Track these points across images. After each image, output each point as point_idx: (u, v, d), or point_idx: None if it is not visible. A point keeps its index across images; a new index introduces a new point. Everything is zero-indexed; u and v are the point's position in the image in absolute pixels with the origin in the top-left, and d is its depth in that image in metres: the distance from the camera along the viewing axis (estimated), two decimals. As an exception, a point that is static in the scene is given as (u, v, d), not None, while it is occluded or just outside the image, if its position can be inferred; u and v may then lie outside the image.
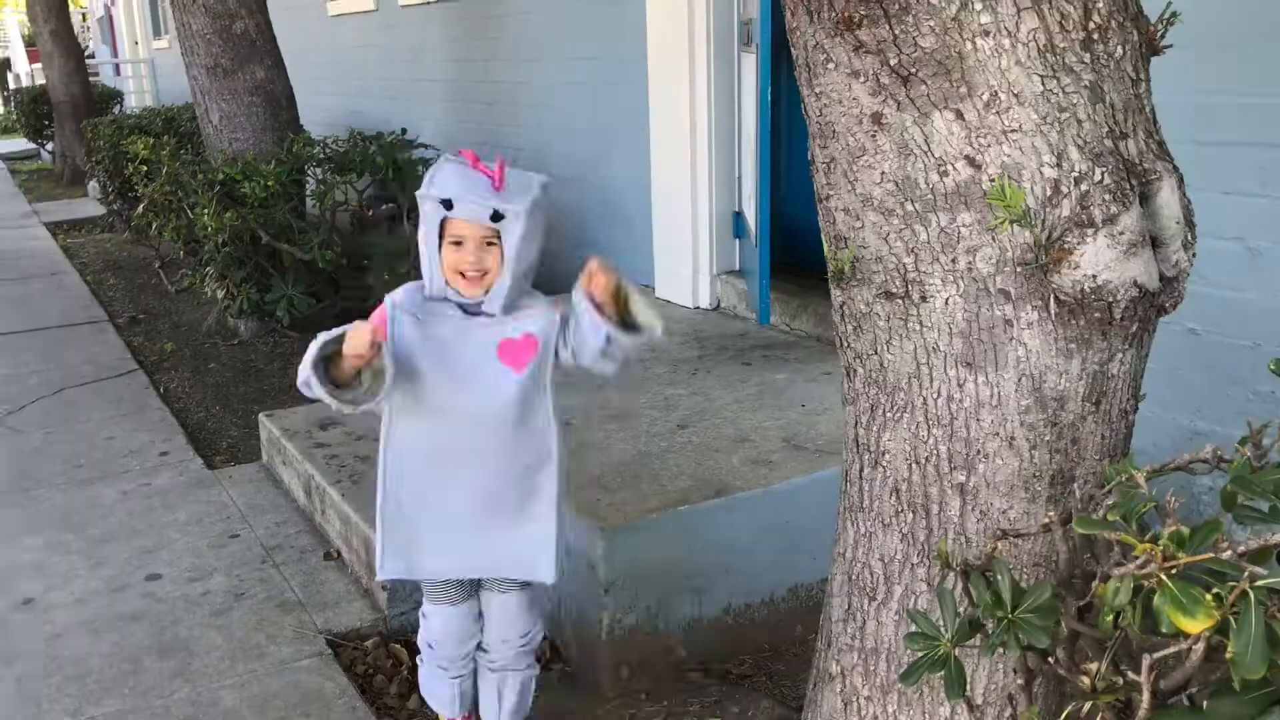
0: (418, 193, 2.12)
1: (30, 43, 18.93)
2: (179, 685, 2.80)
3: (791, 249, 4.95)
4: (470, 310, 2.17)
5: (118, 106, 14.23)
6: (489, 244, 2.11)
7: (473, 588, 2.38)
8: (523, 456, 2.21)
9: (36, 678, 2.84)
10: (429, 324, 2.16)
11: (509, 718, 2.44)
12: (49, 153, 15.25)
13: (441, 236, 2.12)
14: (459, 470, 2.22)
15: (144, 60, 16.74)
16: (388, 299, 2.19)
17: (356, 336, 2.03)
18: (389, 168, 5.67)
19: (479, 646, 2.42)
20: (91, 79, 14.23)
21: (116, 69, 18.31)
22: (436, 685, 2.48)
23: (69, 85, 12.69)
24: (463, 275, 2.12)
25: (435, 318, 2.16)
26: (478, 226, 2.09)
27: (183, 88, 7.63)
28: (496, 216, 2.07)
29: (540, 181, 2.16)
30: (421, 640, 2.48)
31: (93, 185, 11.03)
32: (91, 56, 18.91)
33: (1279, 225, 2.91)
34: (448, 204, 2.08)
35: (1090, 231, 1.53)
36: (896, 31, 1.52)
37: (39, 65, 14.58)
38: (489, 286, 2.14)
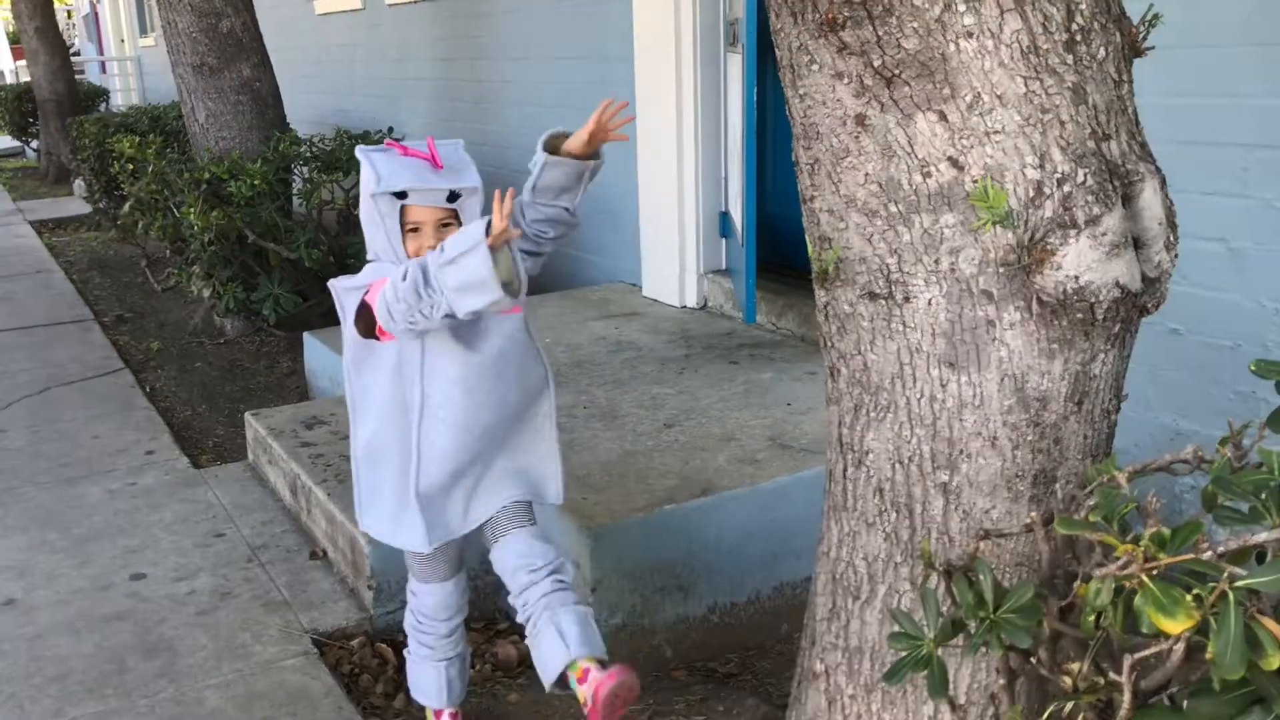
0: (370, 193, 2.12)
1: (15, 40, 18.82)
2: (163, 685, 2.79)
3: (777, 249, 4.95)
4: None
5: (103, 104, 14.17)
6: (444, 225, 2.15)
7: (458, 564, 2.45)
8: (529, 390, 2.30)
9: (18, 679, 2.83)
10: None
11: (581, 645, 2.12)
12: (34, 150, 15.17)
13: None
14: (490, 429, 2.27)
15: (130, 58, 16.68)
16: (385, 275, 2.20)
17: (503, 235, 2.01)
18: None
19: (519, 603, 2.24)
20: (77, 77, 14.16)
21: (102, 67, 18.22)
22: (423, 674, 2.51)
23: (54, 83, 12.63)
24: None
25: None
26: (432, 210, 2.13)
27: (169, 86, 7.61)
28: (453, 196, 2.11)
29: (462, 146, 2.20)
30: (408, 623, 2.51)
31: (78, 183, 10.98)
32: (77, 54, 18.83)
33: (1260, 226, 2.93)
34: (401, 195, 2.11)
35: (1073, 232, 1.54)
36: (880, 33, 1.52)
37: (24, 62, 14.50)
38: None
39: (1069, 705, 1.31)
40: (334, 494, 3.36)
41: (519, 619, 2.26)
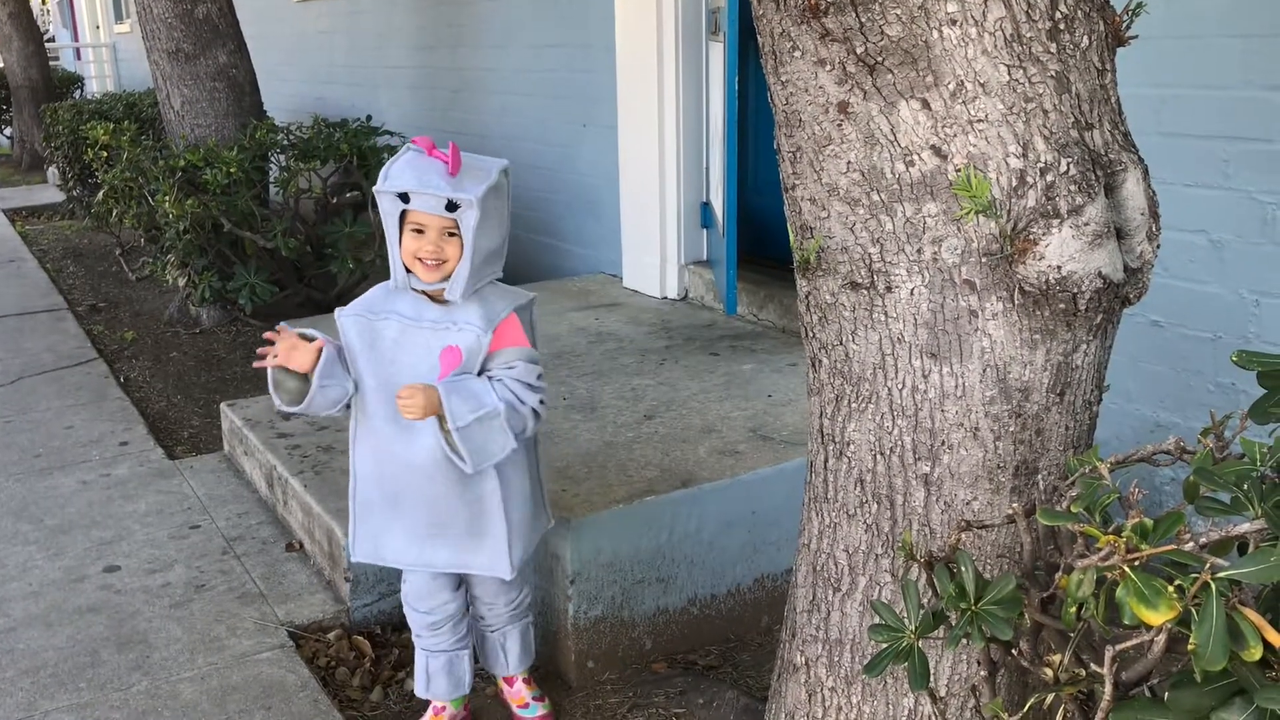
0: (375, 188, 2.15)
1: (-12, 26, 18.57)
2: (137, 678, 2.76)
3: (759, 240, 4.94)
4: (431, 296, 2.22)
5: (78, 91, 14.03)
6: (450, 234, 2.15)
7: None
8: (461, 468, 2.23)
9: (-9, 671, 2.79)
10: (377, 326, 2.22)
11: (518, 666, 2.58)
12: (7, 138, 15.00)
13: (403, 226, 2.17)
14: (402, 479, 2.29)
15: (105, 45, 16.50)
16: (337, 313, 2.29)
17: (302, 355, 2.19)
18: (353, 155, 5.61)
19: (473, 614, 2.52)
20: (51, 63, 14.01)
21: (77, 53, 18.03)
22: (416, 657, 2.53)
23: (28, 69, 12.50)
24: (421, 262, 2.16)
25: (385, 320, 2.22)
26: (436, 217, 2.12)
27: (144, 73, 7.53)
28: (452, 206, 2.09)
29: (499, 167, 2.18)
30: (406, 608, 2.52)
31: (52, 171, 10.87)
32: (51, 40, 18.64)
33: (1241, 218, 2.94)
34: (404, 197, 2.11)
35: (1055, 222, 1.53)
36: (863, 19, 1.51)
37: (-3, 48, 14.32)
38: (447, 274, 2.18)
39: (1050, 697, 1.30)
40: (310, 485, 3.33)
41: (476, 624, 2.56)
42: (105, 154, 6.33)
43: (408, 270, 2.19)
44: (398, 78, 7.63)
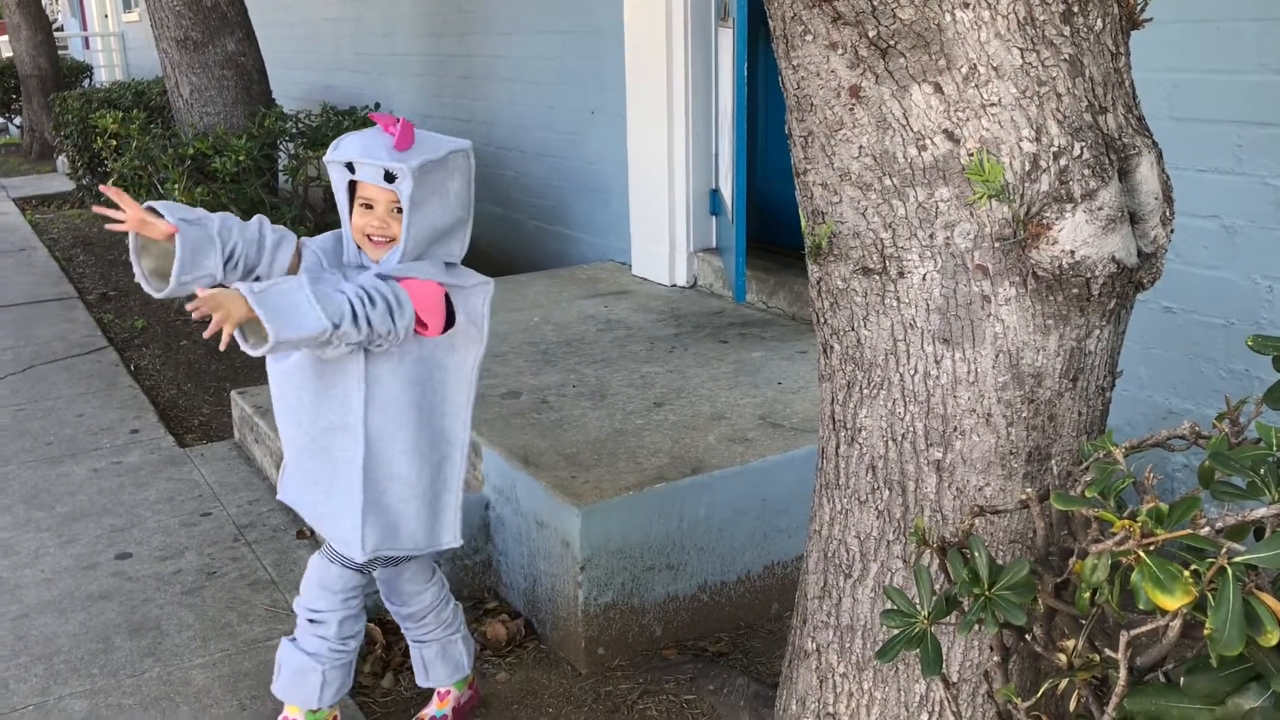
0: (324, 158, 2.13)
1: (-3, 15, 18.60)
2: (149, 665, 2.77)
3: (768, 227, 4.93)
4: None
5: (87, 80, 14.04)
6: (398, 210, 2.10)
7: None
8: (320, 419, 2.16)
9: (3, 658, 2.80)
10: (323, 276, 2.12)
11: (441, 683, 2.51)
12: (16, 127, 15.03)
13: (352, 201, 2.14)
14: (286, 422, 2.23)
15: (114, 34, 16.51)
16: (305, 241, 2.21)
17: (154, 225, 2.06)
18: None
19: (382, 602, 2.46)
20: (60, 52, 14.01)
21: (85, 42, 18.04)
22: (414, 656, 2.52)
23: (37, 58, 12.50)
24: (369, 239, 2.13)
25: (329, 274, 2.14)
26: (384, 190, 2.08)
27: (153, 62, 7.53)
28: (389, 177, 2.06)
29: (455, 146, 2.13)
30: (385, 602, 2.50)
31: (61, 160, 10.88)
32: (60, 29, 18.64)
33: (1254, 203, 2.92)
34: (350, 167, 2.09)
35: (1069, 207, 1.52)
36: (875, 3, 1.49)
37: (6, 38, 14.34)
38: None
39: (1063, 682, 1.30)
40: (321, 472, 3.34)
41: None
42: (114, 142, 6.33)
43: (358, 248, 2.16)
44: (406, 65, 7.62)
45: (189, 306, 1.90)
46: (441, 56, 7.08)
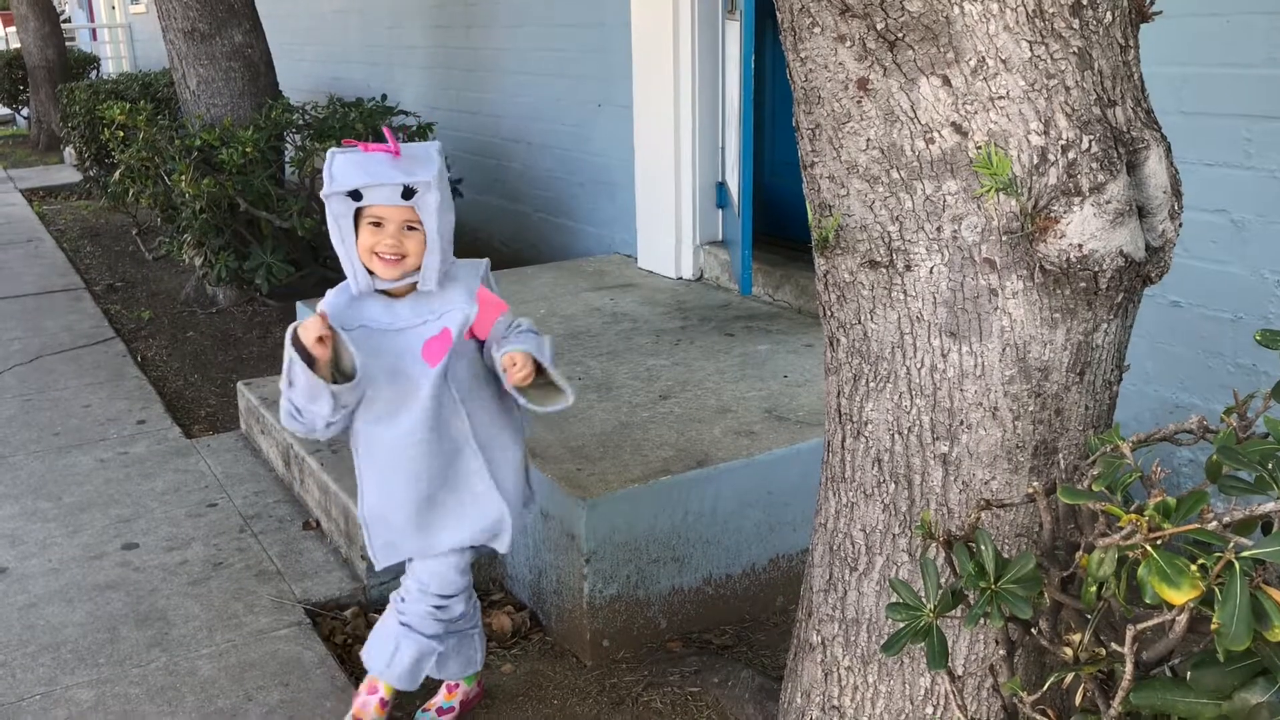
0: (321, 193, 2.08)
1: (4, 6, 18.64)
2: (156, 655, 2.78)
3: (774, 220, 4.92)
4: (392, 294, 2.18)
5: (94, 72, 14.05)
6: (410, 228, 2.10)
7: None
8: (443, 445, 2.23)
9: (11, 647, 2.81)
10: (356, 336, 2.13)
11: (399, 680, 2.38)
12: (24, 118, 15.05)
13: (358, 224, 2.11)
14: (400, 469, 2.25)
15: (121, 25, 16.52)
16: (320, 306, 2.18)
17: (307, 327, 2.04)
18: (369, 135, 5.61)
19: (398, 595, 2.44)
20: (67, 43, 14.03)
21: (93, 34, 18.05)
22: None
23: (44, 49, 12.51)
24: (379, 257, 2.11)
25: (355, 333, 2.14)
26: (399, 209, 2.07)
27: (160, 54, 7.52)
28: (409, 193, 2.05)
29: (437, 148, 2.15)
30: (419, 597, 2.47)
31: (68, 151, 10.90)
32: (67, 20, 18.65)
33: (1263, 197, 2.91)
34: (356, 195, 2.06)
35: (1077, 200, 1.51)
36: (884, -5, 1.49)
37: (13, 29, 14.36)
38: (408, 270, 2.14)
39: (1069, 677, 1.30)
40: (327, 464, 3.35)
41: (395, 603, 2.42)
42: (122, 134, 6.33)
43: (370, 273, 2.14)
44: (412, 57, 7.61)
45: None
46: (448, 49, 7.07)
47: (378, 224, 2.09)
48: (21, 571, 3.19)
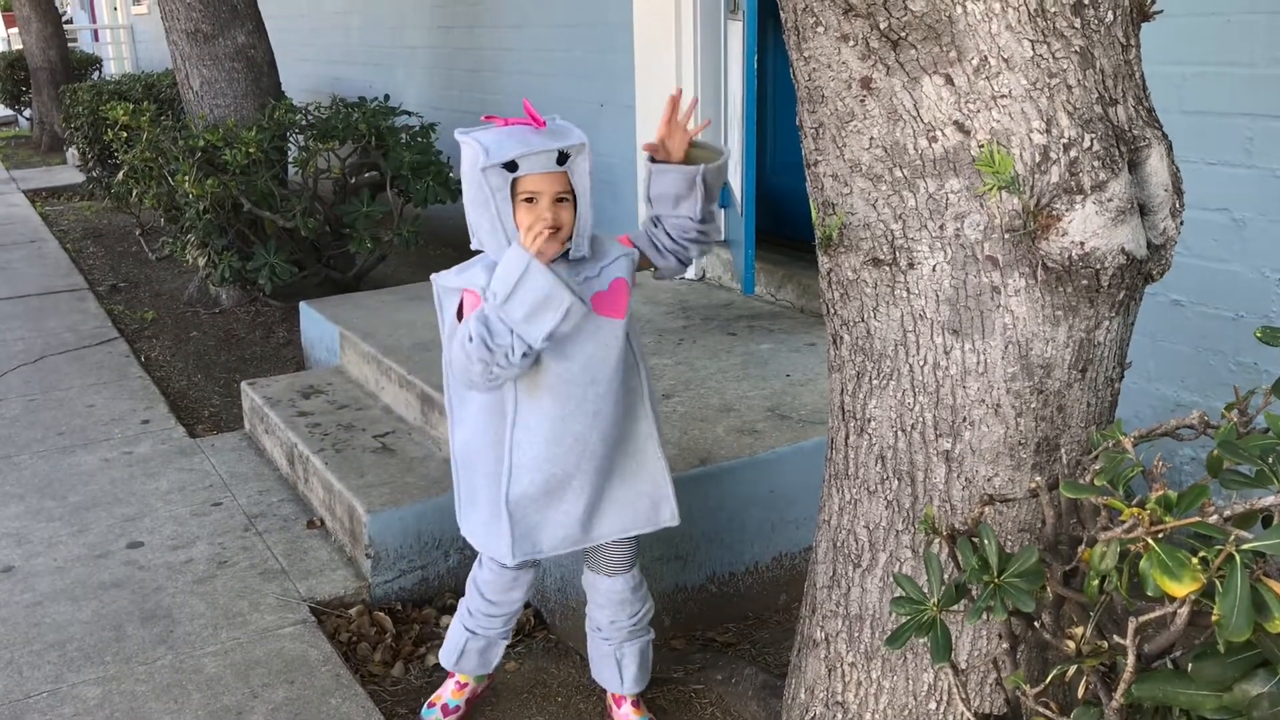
0: (480, 168, 2.00)
1: (7, 7, 18.66)
2: (161, 653, 2.79)
3: (777, 220, 4.93)
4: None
5: (96, 73, 14.07)
6: (559, 200, 2.07)
7: (533, 562, 2.41)
8: (625, 403, 2.21)
9: (17, 645, 2.83)
10: None
11: (634, 685, 2.48)
12: (26, 119, 15.07)
13: (512, 199, 2.06)
14: (581, 438, 2.18)
15: (123, 26, 16.54)
16: (475, 287, 2.10)
17: (531, 229, 2.02)
18: (371, 135, 5.62)
19: (591, 624, 2.48)
20: (70, 44, 14.05)
21: (95, 35, 18.07)
22: (456, 641, 2.52)
23: (47, 51, 12.53)
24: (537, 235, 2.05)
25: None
26: (549, 178, 2.05)
27: (162, 55, 7.54)
28: (563, 158, 2.05)
29: (558, 118, 2.16)
30: (470, 587, 2.48)
31: (71, 152, 10.91)
32: (69, 21, 18.68)
33: (1264, 196, 2.92)
34: (511, 166, 2.02)
35: (1079, 198, 1.53)
36: (887, -6, 1.50)
37: (16, 30, 14.37)
38: (563, 243, 2.10)
39: (1072, 670, 1.31)
40: (331, 463, 3.36)
41: (592, 634, 2.49)
42: (125, 134, 6.34)
43: None
44: (415, 58, 7.63)
45: None
46: (451, 49, 7.09)
47: (530, 199, 2.05)
48: (28, 570, 3.20)
